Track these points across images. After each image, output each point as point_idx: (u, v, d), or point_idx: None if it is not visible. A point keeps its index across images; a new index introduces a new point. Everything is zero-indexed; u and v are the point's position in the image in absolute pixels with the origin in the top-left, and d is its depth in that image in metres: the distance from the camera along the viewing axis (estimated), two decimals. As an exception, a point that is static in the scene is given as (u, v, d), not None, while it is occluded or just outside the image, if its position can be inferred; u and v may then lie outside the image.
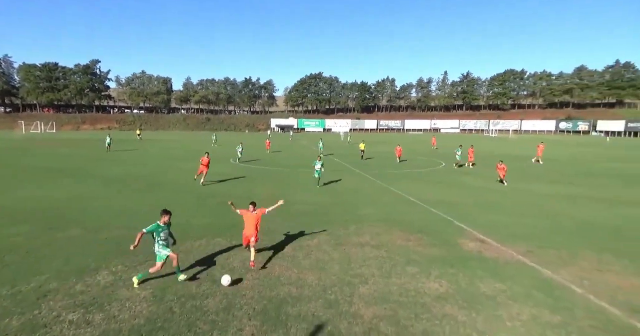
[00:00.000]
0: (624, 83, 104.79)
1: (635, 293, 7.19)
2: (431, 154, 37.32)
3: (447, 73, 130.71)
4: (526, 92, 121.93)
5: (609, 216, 13.20)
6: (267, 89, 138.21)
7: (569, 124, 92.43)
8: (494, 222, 12.36)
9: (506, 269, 8.44)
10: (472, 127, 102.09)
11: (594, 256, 9.19)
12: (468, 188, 18.98)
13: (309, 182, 20.08)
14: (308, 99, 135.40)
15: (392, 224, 11.96)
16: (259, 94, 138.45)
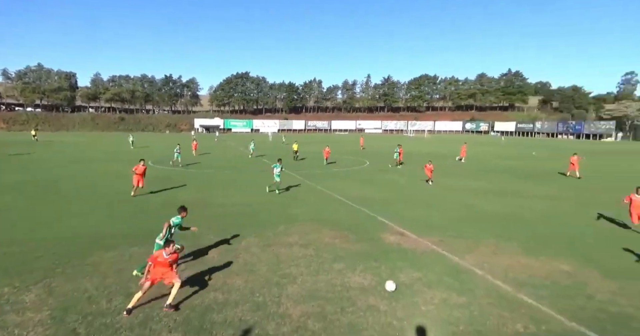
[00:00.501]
0: (514, 89, 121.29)
1: (522, 271, 8.38)
2: (357, 154, 39.00)
3: (370, 76, 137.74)
4: (438, 95, 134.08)
5: (503, 206, 15.14)
6: (190, 87, 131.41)
7: (473, 125, 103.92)
8: (413, 216, 13.36)
9: (422, 258, 9.19)
10: (393, 128, 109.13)
11: (492, 241, 10.48)
12: (391, 185, 20.24)
13: (238, 183, 19.60)
14: (235, 98, 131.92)
15: (321, 223, 12.24)
16: (181, 92, 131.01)
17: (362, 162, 31.36)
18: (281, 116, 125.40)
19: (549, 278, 7.98)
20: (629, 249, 9.85)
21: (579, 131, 77.22)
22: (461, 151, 33.71)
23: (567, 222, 12.67)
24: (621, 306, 6.76)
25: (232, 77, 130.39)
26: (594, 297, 7.10)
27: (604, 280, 7.85)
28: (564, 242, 10.47)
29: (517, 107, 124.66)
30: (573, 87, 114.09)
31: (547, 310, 6.56)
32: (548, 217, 13.40)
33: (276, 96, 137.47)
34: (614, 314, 6.49)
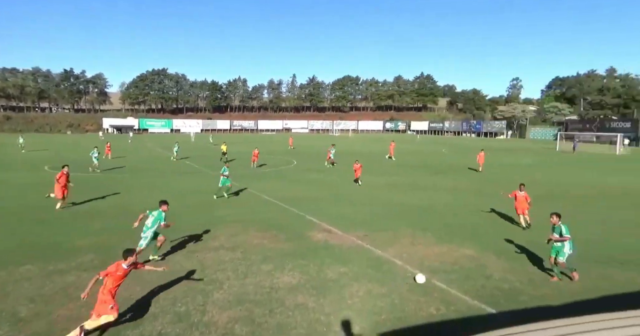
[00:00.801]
0: (426, 91, 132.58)
1: (435, 258, 9.24)
2: (286, 154, 39.03)
3: (295, 76, 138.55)
4: (361, 96, 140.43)
5: (418, 200, 16.49)
6: (97, 84, 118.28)
7: (392, 125, 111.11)
8: (339, 213, 13.84)
9: (348, 253, 9.59)
10: (320, 127, 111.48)
11: (410, 233, 11.36)
12: (319, 183, 20.68)
13: (159, 187, 18.25)
14: (151, 97, 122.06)
15: (248, 224, 12.03)
16: (86, 89, 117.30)
17: (290, 162, 31.52)
18: (204, 115, 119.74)
19: (457, 263, 8.93)
20: (514, 235, 11.47)
21: (479, 129, 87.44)
22: (390, 150, 35.39)
23: (470, 212, 14.27)
24: (511, 282, 7.86)
25: (147, 74, 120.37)
26: (492, 276, 8.14)
27: (498, 261, 9.03)
28: (468, 230, 11.78)
29: (429, 108, 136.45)
30: (473, 90, 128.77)
31: (455, 292, 7.34)
32: (455, 208, 14.95)
33: (198, 95, 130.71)
34: (506, 290, 7.52)
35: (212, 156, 35.12)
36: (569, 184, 20.85)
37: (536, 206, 12.68)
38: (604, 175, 24.81)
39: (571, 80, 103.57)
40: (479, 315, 6.48)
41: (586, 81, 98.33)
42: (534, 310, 6.61)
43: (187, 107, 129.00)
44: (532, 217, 12.12)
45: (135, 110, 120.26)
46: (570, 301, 6.97)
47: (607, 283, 7.79)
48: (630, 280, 7.93)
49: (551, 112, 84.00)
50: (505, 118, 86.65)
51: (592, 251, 9.74)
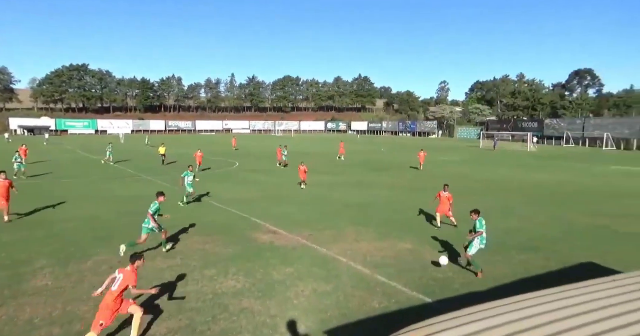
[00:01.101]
0: (364, 93, 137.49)
1: (377, 253, 9.64)
2: (228, 155, 37.83)
3: (234, 75, 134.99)
4: (302, 96, 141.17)
5: (360, 197, 17.05)
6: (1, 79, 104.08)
7: (333, 125, 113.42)
8: (284, 213, 13.79)
9: (294, 253, 9.59)
10: (261, 128, 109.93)
11: (353, 230, 11.70)
12: (262, 184, 20.38)
13: (87, 194, 16.59)
14: (70, 94, 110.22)
15: (188, 229, 11.53)
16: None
17: (232, 163, 30.64)
18: (135, 115, 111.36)
19: (397, 257, 9.40)
20: (447, 228, 12.40)
21: (413, 129, 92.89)
22: (340, 149, 35.58)
23: (408, 207, 15.10)
24: (444, 272, 8.48)
25: (64, 69, 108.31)
26: (428, 268, 8.70)
27: (433, 253, 9.68)
28: (407, 225, 12.46)
29: (367, 108, 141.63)
30: (407, 92, 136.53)
31: (395, 285, 7.72)
32: (393, 203, 15.72)
33: (127, 93, 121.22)
34: (441, 280, 8.09)
35: (146, 159, 32.85)
36: (490, 179, 23.02)
37: (463, 200, 13.82)
38: (519, 171, 27.81)
39: (489, 84, 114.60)
40: (417, 305, 6.89)
41: (501, 84, 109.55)
42: (464, 296, 7.19)
43: (115, 106, 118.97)
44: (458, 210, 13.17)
45: (51, 109, 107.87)
46: (494, 286, 7.71)
47: (523, 267, 8.74)
48: (544, 264, 8.99)
49: (474, 113, 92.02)
50: (436, 118, 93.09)
51: (511, 239, 10.87)
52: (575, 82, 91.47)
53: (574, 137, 56.54)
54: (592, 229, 11.94)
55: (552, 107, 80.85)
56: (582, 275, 4.52)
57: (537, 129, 62.57)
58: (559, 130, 59.62)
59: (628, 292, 3.60)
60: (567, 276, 7.48)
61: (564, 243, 10.52)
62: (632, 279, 3.96)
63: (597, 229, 11.99)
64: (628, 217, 13.42)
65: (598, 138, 52.48)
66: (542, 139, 60.66)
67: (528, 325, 2.92)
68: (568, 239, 10.88)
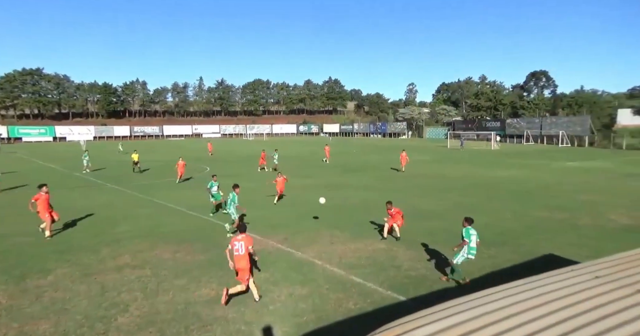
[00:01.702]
0: (335, 95, 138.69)
1: (352, 255, 9.70)
2: (196, 160, 36.89)
3: (202, 79, 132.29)
4: (273, 100, 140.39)
5: (334, 199, 17.09)
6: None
7: (305, 127, 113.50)
8: (258, 217, 13.60)
9: (269, 258, 9.48)
10: (232, 132, 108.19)
11: (328, 232, 11.72)
12: (231, 189, 19.97)
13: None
14: (23, 100, 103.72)
15: (157, 238, 11.09)
16: None
17: (203, 168, 29.92)
18: (97, 121, 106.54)
19: (371, 257, 9.50)
20: (420, 226, 12.69)
21: (384, 130, 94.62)
22: (326, 153, 35.32)
23: (380, 207, 15.28)
24: (418, 270, 8.67)
25: (15, 74, 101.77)
26: (401, 266, 8.86)
27: (407, 252, 9.88)
28: (380, 225, 12.62)
29: (339, 111, 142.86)
30: (376, 94, 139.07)
31: (370, 285, 7.80)
32: (367, 204, 15.89)
33: (87, 98, 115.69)
34: (414, 277, 8.26)
35: (113, 166, 31.47)
36: (458, 177, 23.81)
37: (434, 197, 14.19)
38: (485, 168, 28.96)
39: (454, 85, 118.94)
40: (392, 303, 6.99)
41: (465, 86, 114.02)
42: (438, 292, 7.38)
43: (74, 112, 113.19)
44: (429, 207, 13.53)
45: (2, 116, 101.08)
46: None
47: (492, 262, 9.10)
48: (510, 258, 9.38)
49: (441, 114, 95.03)
50: (405, 119, 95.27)
51: (481, 235, 11.24)
52: (532, 83, 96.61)
53: (533, 136, 59.61)
54: (553, 223, 12.60)
55: (513, 107, 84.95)
56: (544, 267, 4.75)
57: (500, 128, 65.47)
58: (520, 129, 62.67)
59: (585, 281, 3.84)
60: (531, 269, 7.83)
61: (528, 237, 11.03)
62: (587, 268, 4.23)
63: (557, 222, 12.66)
64: (584, 210, 14.27)
65: (554, 136, 55.61)
66: (505, 138, 63.52)
67: (498, 317, 3.04)
68: (531, 233, 11.43)
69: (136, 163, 27.27)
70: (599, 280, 3.81)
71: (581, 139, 52.37)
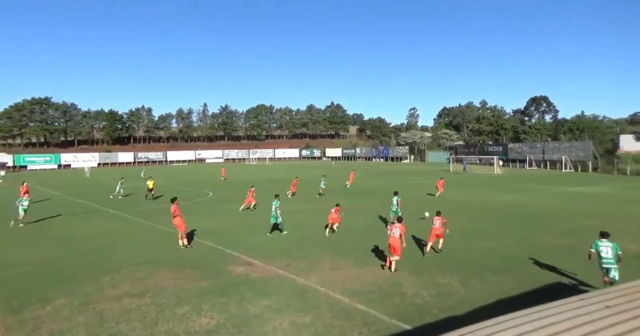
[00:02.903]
0: (338, 119, 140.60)
1: (355, 281, 9.53)
2: (198, 185, 37.01)
3: (207, 105, 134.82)
4: (275, 124, 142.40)
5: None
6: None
7: (308, 152, 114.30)
8: (259, 243, 13.48)
9: (271, 285, 9.32)
10: (235, 157, 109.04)
11: (330, 258, 11.56)
12: (237, 214, 19.91)
13: (42, 232, 15.60)
14: (30, 129, 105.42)
15: (158, 265, 10.97)
16: None
17: (205, 193, 29.96)
18: (102, 148, 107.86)
19: (375, 283, 9.32)
20: (422, 250, 12.52)
21: (386, 154, 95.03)
22: (350, 177, 35.67)
23: (384, 233, 15.16)
24: (423, 297, 8.47)
25: (24, 103, 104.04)
26: (406, 294, 8.67)
27: (410, 278, 9.69)
28: (382, 250, 12.45)
29: (341, 135, 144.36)
30: (378, 118, 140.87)
31: (374, 313, 7.61)
32: (371, 229, 15.75)
33: (93, 126, 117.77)
34: (419, 305, 8.06)
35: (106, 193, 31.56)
36: (462, 201, 23.66)
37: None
38: (488, 193, 28.82)
39: (455, 110, 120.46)
40: (397, 333, 6.80)
41: (466, 111, 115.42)
42: (443, 321, 7.18)
43: (80, 139, 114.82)
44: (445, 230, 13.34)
45: (9, 145, 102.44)
46: (472, 309, 7.75)
47: (498, 289, 8.89)
48: (516, 286, 9.16)
49: (443, 138, 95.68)
50: (407, 144, 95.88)
51: (486, 260, 11.09)
52: (532, 108, 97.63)
53: (536, 160, 59.60)
54: (558, 249, 12.38)
55: (514, 132, 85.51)
56: (552, 295, 4.65)
57: (502, 152, 65.64)
58: (522, 153, 62.78)
59: (595, 311, 3.75)
60: (539, 297, 7.65)
61: (533, 263, 10.82)
62: (597, 297, 4.14)
63: (562, 249, 12.44)
64: (589, 236, 14.03)
65: (557, 161, 55.57)
66: (507, 162, 63.52)
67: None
68: (536, 259, 11.21)
69: (150, 190, 26.94)
70: (609, 310, 3.73)
71: (584, 164, 52.28)
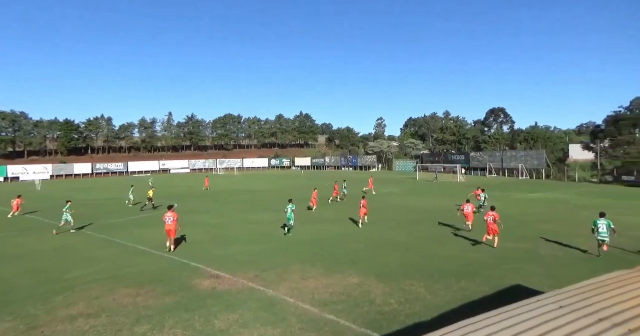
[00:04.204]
0: (306, 129, 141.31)
1: (324, 290, 9.46)
2: (164, 196, 35.60)
3: (172, 114, 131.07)
4: (244, 134, 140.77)
5: (306, 233, 16.90)
6: None
7: (277, 161, 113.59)
8: (228, 255, 13.10)
9: (238, 298, 9.04)
10: (202, 167, 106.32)
11: (300, 267, 11.43)
12: (203, 225, 19.29)
13: None
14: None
15: (116, 282, 10.36)
16: None
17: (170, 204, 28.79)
18: (55, 158, 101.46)
19: (344, 292, 9.30)
20: (390, 257, 12.69)
21: (355, 163, 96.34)
22: (369, 183, 36.13)
23: (354, 240, 15.26)
24: (390, 304, 8.54)
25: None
26: (374, 301, 8.71)
27: (378, 285, 9.76)
28: (352, 258, 12.51)
29: (310, 144, 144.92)
30: (347, 128, 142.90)
31: (344, 322, 7.57)
32: (341, 237, 15.77)
33: (45, 136, 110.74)
34: (387, 312, 8.12)
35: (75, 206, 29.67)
36: (428, 208, 24.29)
37: (407, 229, 14.31)
38: (452, 200, 29.79)
39: (421, 120, 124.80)
40: (367, 341, 6.78)
41: (431, 121, 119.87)
42: (410, 327, 7.26)
43: (30, 150, 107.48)
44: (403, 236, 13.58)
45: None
46: (437, 314, 7.90)
47: (463, 294, 9.14)
48: (479, 289, 9.46)
49: (409, 147, 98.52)
50: (375, 153, 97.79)
51: (450, 266, 11.40)
52: (491, 119, 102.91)
53: (495, 168, 62.64)
54: (518, 253, 12.97)
55: (475, 141, 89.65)
56: (513, 297, 4.83)
57: (465, 161, 68.46)
58: (483, 162, 65.79)
59: (550, 311, 3.94)
60: (500, 300, 7.95)
61: (496, 267, 11.26)
62: (552, 298, 4.35)
63: (522, 252, 13.06)
64: (546, 240, 14.87)
65: (514, 169, 58.70)
66: (469, 170, 66.30)
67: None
68: (498, 263, 11.68)
69: (150, 199, 26.93)
70: (563, 310, 3.93)
71: (538, 171, 55.56)
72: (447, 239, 15.11)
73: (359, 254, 12.98)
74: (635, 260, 11.12)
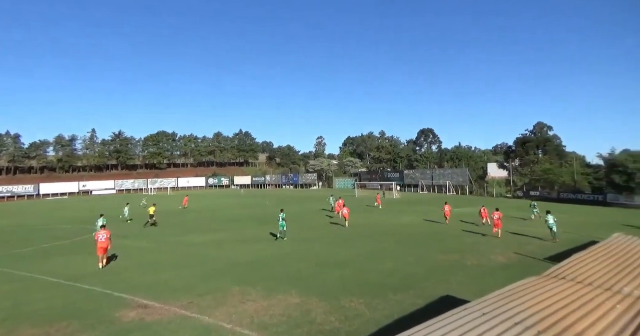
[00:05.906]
0: (246, 147, 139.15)
1: (264, 313, 9.17)
2: (79, 221, 32.12)
3: (95, 131, 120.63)
4: (179, 152, 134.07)
5: (245, 253, 16.36)
6: None
7: (215, 180, 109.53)
8: (158, 281, 12.14)
9: (169, 328, 8.37)
10: (130, 187, 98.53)
11: (239, 290, 10.97)
12: (129, 250, 17.69)
13: None
14: None
15: (18, 321, 9.02)
16: None
17: (91, 230, 26.04)
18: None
19: (285, 313, 9.10)
20: (330, 274, 12.79)
21: (296, 181, 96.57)
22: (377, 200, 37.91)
23: (293, 259, 15.11)
24: (331, 322, 8.55)
25: None
26: (315, 321, 8.64)
27: (320, 303, 9.73)
28: (294, 277, 12.34)
29: (250, 163, 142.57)
30: (287, 146, 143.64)
31: (285, 345, 7.37)
32: (281, 257, 15.51)
33: None
34: (328, 331, 8.10)
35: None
36: (366, 224, 25.08)
37: (345, 245, 14.53)
38: (389, 216, 31.19)
39: (358, 139, 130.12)
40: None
41: (368, 140, 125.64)
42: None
43: None
44: (342, 253, 13.75)
45: None
46: (376, 329, 8.08)
47: (399, 307, 9.47)
48: (414, 302, 9.89)
49: (348, 165, 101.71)
50: (316, 171, 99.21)
51: (388, 280, 11.78)
52: (422, 139, 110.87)
53: (427, 185, 67.12)
54: (447, 264, 13.88)
55: (409, 159, 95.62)
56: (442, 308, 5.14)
57: (399, 178, 72.38)
58: (415, 179, 70.14)
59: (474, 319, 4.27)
60: (431, 311, 8.39)
61: (428, 279, 11.89)
62: (476, 306, 4.72)
63: (450, 263, 13.99)
64: (470, 251, 16.13)
65: (443, 185, 63.46)
66: (404, 187, 70.16)
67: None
68: (431, 275, 12.36)
69: (152, 216, 27.57)
70: (485, 317, 4.27)
71: (463, 188, 60.70)
72: (385, 254, 15.65)
73: (301, 273, 12.87)
74: (543, 267, 12.55)
